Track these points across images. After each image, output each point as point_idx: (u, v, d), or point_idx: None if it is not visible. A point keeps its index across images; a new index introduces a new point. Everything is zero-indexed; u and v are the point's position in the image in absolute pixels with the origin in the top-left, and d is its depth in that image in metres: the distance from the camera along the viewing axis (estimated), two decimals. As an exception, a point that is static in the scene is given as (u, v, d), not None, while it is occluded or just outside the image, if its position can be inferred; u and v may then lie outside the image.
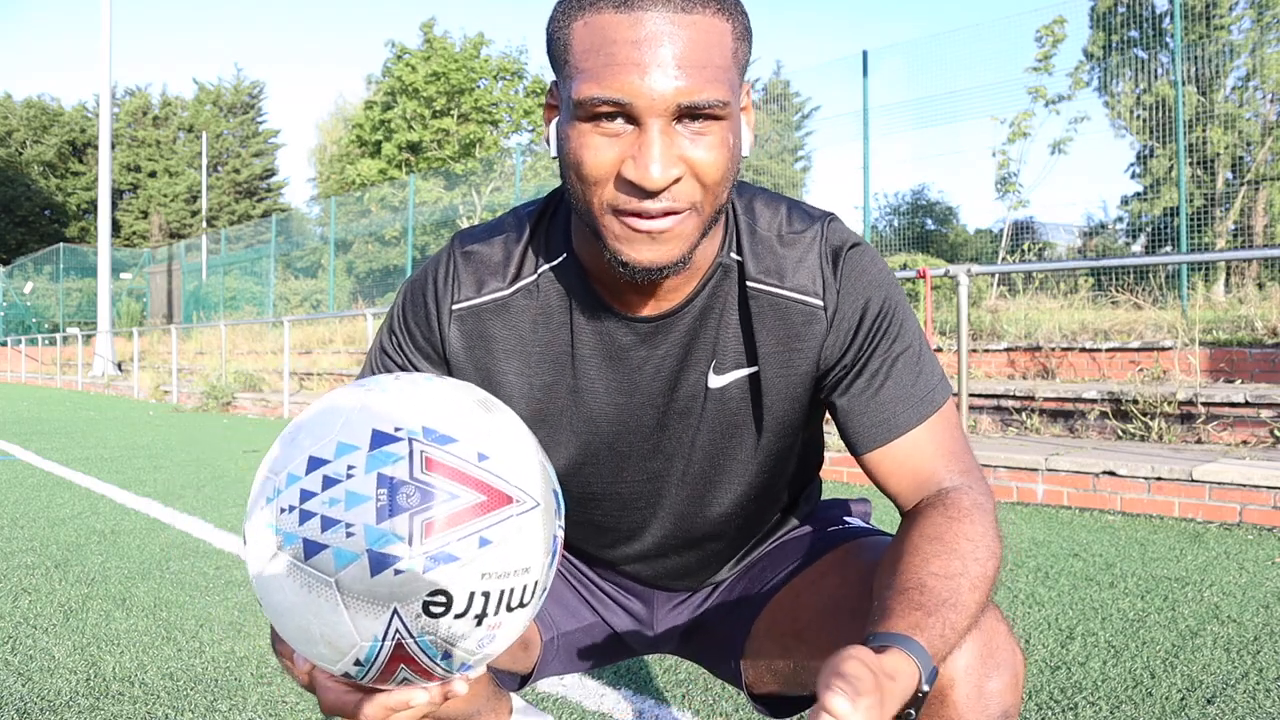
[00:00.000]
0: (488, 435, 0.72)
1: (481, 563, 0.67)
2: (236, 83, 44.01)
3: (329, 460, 0.67)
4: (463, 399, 0.75)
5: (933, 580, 0.82)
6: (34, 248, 35.93)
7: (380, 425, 0.68)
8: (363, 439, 0.68)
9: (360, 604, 0.66)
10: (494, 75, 25.33)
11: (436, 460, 0.67)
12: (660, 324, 0.98)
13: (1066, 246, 11.11)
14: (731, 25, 0.84)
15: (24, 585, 2.95)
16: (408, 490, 0.65)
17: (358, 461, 0.66)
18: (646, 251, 0.86)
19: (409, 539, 0.65)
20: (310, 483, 0.67)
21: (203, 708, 1.93)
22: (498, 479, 0.69)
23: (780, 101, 16.18)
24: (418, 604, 0.66)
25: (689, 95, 0.80)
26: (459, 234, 1.05)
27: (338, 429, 0.69)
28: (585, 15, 0.82)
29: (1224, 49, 8.76)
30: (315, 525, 0.65)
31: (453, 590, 0.66)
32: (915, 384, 0.98)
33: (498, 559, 0.68)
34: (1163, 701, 1.89)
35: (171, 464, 6.18)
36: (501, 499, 0.69)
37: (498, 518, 0.68)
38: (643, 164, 0.81)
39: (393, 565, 0.65)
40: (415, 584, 0.65)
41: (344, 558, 0.65)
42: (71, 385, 20.31)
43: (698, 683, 2.03)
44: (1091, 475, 4.09)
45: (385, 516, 0.65)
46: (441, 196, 17.51)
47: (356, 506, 0.65)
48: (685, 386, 1.01)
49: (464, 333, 1.01)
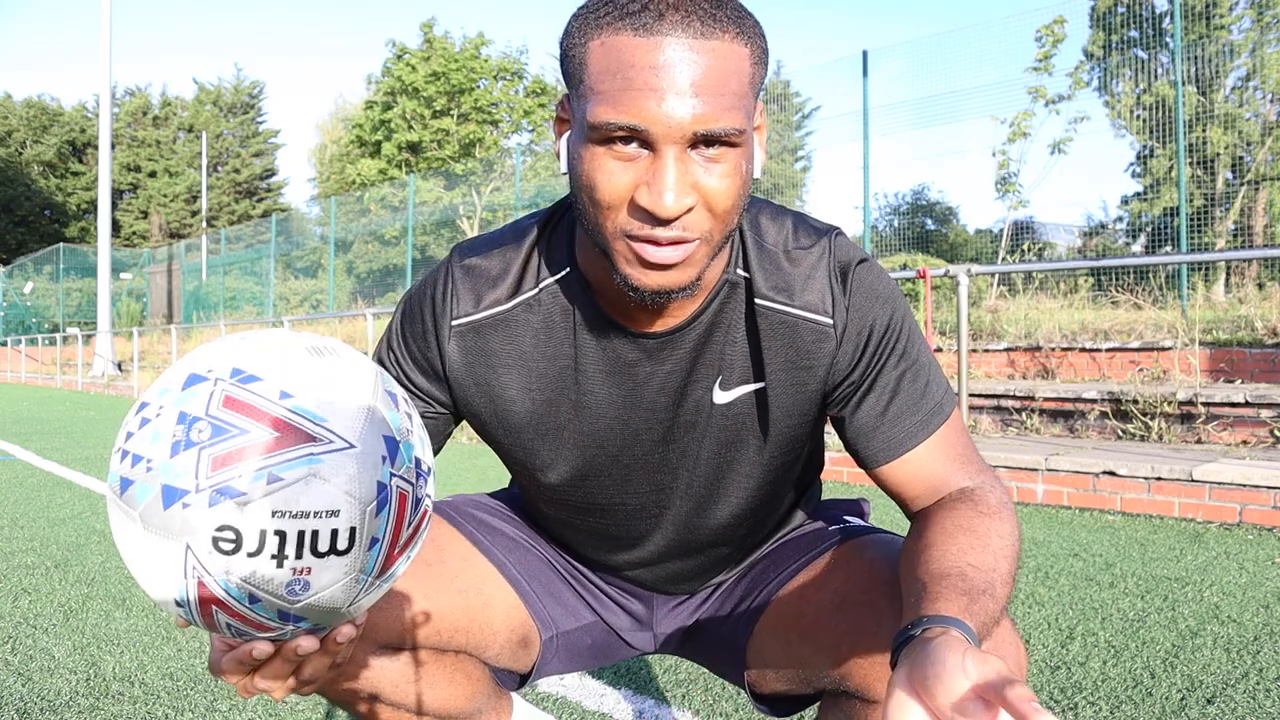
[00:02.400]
0: (301, 376, 0.70)
1: (271, 501, 0.66)
2: (236, 83, 44.03)
3: (149, 403, 0.70)
4: (293, 343, 0.74)
5: (972, 571, 0.82)
6: (34, 248, 35.92)
7: (195, 368, 0.71)
8: (178, 381, 0.70)
9: (159, 539, 0.68)
10: (494, 75, 25.31)
11: (234, 397, 0.68)
12: (666, 340, 0.98)
13: (1066, 246, 11.11)
14: (750, 50, 0.82)
15: (24, 585, 2.95)
16: (200, 426, 0.66)
17: (167, 402, 0.69)
18: (656, 277, 0.85)
19: (195, 472, 0.66)
20: (132, 424, 0.70)
21: (203, 708, 1.93)
22: (298, 416, 0.68)
23: (780, 101, 16.18)
24: (207, 539, 0.67)
25: (705, 123, 0.79)
26: (457, 247, 1.05)
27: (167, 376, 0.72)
28: (603, 35, 0.80)
29: (1224, 49, 8.76)
30: (128, 463, 0.69)
31: (240, 527, 0.66)
32: (924, 397, 0.98)
33: (289, 497, 0.66)
34: (1163, 701, 1.89)
35: (171, 464, 6.18)
36: (299, 436, 0.67)
37: (291, 454, 0.67)
38: (657, 191, 0.80)
39: (180, 499, 0.66)
40: (203, 518, 0.66)
41: (144, 492, 0.67)
42: (71, 385, 20.32)
43: (698, 683, 2.03)
44: (1091, 475, 4.09)
45: (178, 451, 0.66)
46: (441, 196, 17.51)
47: (156, 442, 0.67)
48: (690, 401, 1.01)
49: (464, 348, 1.01)
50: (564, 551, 1.22)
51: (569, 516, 1.13)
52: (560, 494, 1.09)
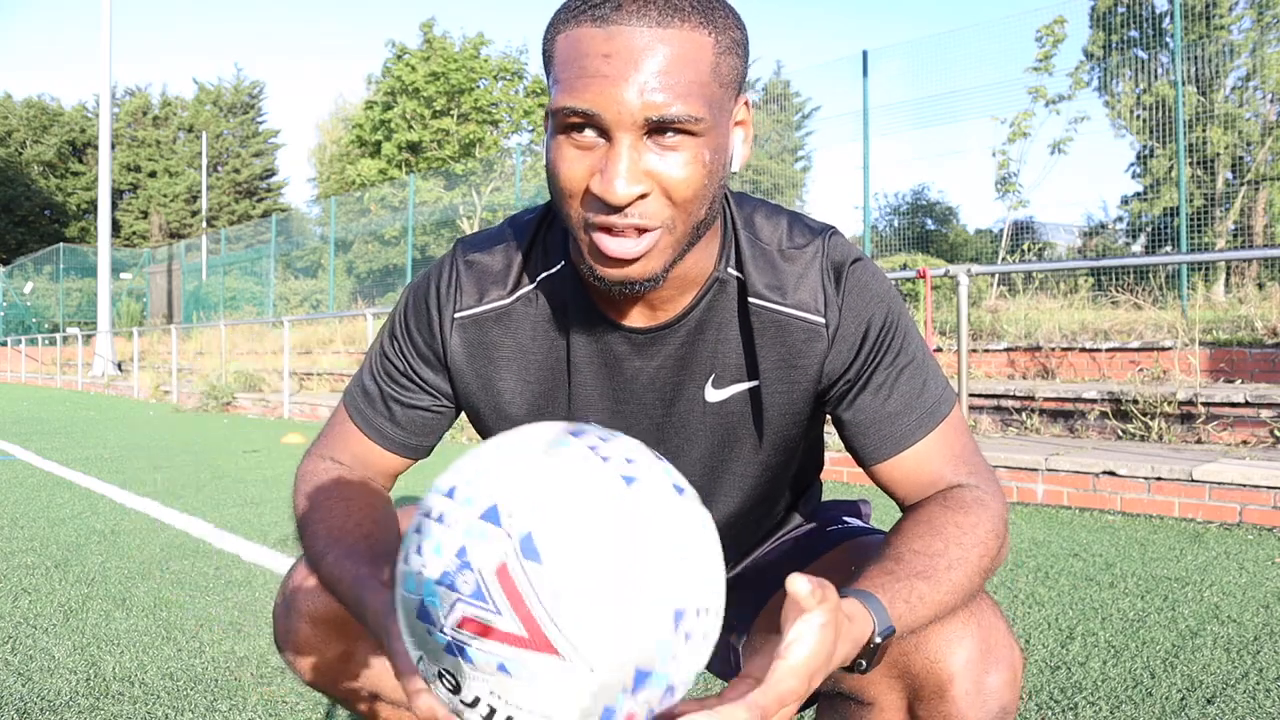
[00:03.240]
0: (585, 569, 0.65)
1: (494, 682, 0.66)
2: (236, 83, 44.04)
3: (454, 498, 0.68)
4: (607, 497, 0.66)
5: (909, 554, 0.84)
6: (34, 248, 35.92)
7: (500, 501, 0.66)
8: (480, 500, 0.66)
9: (406, 634, 0.70)
10: (494, 75, 25.31)
11: (510, 573, 0.64)
12: (655, 335, 0.98)
13: (1066, 246, 11.11)
14: (715, 39, 0.82)
15: (24, 585, 2.95)
16: (468, 577, 0.65)
17: (460, 520, 0.66)
18: (616, 271, 0.86)
19: (446, 616, 0.65)
20: (440, 504, 0.69)
21: (203, 708, 1.93)
22: (552, 625, 0.64)
23: (780, 101, 16.17)
24: (434, 668, 0.68)
25: (658, 109, 0.79)
26: (460, 242, 1.06)
27: (491, 469, 0.69)
28: (566, 29, 0.82)
29: (1224, 49, 8.76)
30: (414, 544, 0.69)
31: (463, 682, 0.67)
32: (921, 395, 0.98)
33: (511, 688, 0.65)
34: (1163, 701, 1.89)
35: (171, 464, 6.18)
36: (543, 644, 0.64)
37: (525, 656, 0.64)
38: (607, 178, 0.80)
39: (427, 624, 0.67)
40: (438, 654, 0.67)
41: (409, 586, 0.68)
42: (71, 385, 20.31)
43: (697, 682, 2.03)
44: (1091, 475, 4.09)
45: (443, 581, 0.66)
46: (441, 196, 17.51)
47: (435, 556, 0.66)
48: (682, 400, 1.01)
49: (466, 341, 1.02)
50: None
51: None
52: None
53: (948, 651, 0.85)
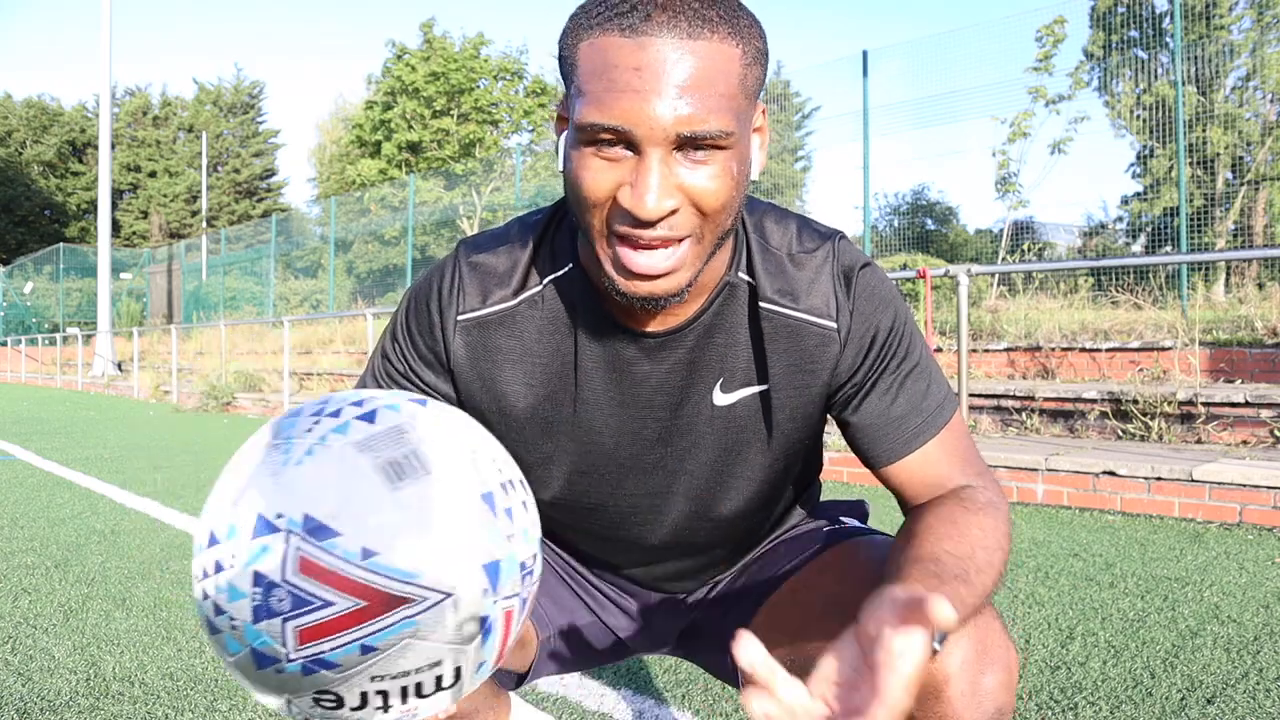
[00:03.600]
0: (383, 522, 0.64)
1: (368, 668, 0.63)
2: (236, 83, 44.03)
3: (220, 541, 0.65)
4: (366, 469, 0.65)
5: (946, 556, 0.83)
6: (34, 248, 35.92)
7: (264, 509, 0.64)
8: (247, 524, 0.65)
9: (258, 686, 0.66)
10: (494, 75, 25.30)
11: (311, 561, 0.62)
12: (665, 340, 0.98)
13: (1066, 246, 11.11)
14: (742, 50, 0.81)
15: (24, 585, 2.95)
16: (279, 594, 0.62)
17: (239, 552, 0.64)
18: (644, 286, 0.85)
19: (283, 643, 0.62)
20: (207, 560, 0.66)
21: (203, 708, 1.93)
22: (384, 579, 0.62)
23: (780, 101, 16.18)
24: (308, 698, 0.65)
25: (690, 125, 0.78)
26: (464, 243, 1.05)
27: (235, 499, 0.66)
28: (592, 36, 0.80)
29: (1224, 49, 8.76)
30: (211, 608, 0.65)
31: (340, 691, 0.64)
32: (926, 398, 0.99)
33: (386, 663, 0.63)
34: (1163, 701, 1.89)
35: (171, 464, 6.18)
36: (390, 602, 0.62)
37: (382, 624, 0.62)
38: (638, 193, 0.80)
39: (273, 665, 0.63)
40: (299, 683, 0.64)
41: (234, 646, 0.65)
42: (71, 385, 20.31)
43: (697, 683, 2.03)
44: (1091, 475, 4.09)
45: (261, 617, 0.63)
46: (441, 196, 17.51)
47: (237, 601, 0.63)
48: (690, 403, 1.01)
49: (469, 343, 1.01)
50: (562, 551, 1.23)
51: (567, 515, 1.13)
52: (558, 491, 1.09)
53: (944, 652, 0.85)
